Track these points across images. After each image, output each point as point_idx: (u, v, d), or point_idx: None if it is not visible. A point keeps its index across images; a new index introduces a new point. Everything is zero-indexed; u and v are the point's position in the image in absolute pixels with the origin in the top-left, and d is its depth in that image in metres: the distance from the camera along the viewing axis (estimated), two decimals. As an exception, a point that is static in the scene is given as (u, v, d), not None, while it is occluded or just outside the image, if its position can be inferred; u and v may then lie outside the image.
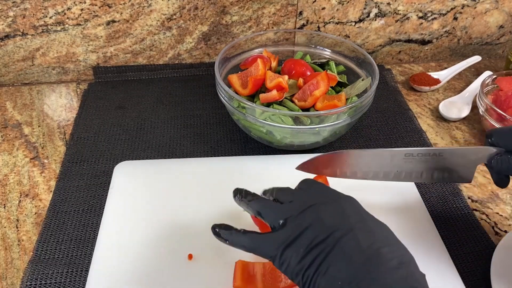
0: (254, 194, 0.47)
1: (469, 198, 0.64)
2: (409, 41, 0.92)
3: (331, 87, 0.71)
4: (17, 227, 0.60)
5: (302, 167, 0.54)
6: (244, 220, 0.57)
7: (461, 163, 0.53)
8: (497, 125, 0.68)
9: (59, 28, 0.80)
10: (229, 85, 0.70)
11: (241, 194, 0.48)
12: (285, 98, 0.67)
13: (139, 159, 0.69)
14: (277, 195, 0.46)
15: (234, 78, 0.69)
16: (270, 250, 0.41)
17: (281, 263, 0.40)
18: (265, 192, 0.48)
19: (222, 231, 0.45)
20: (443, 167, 0.54)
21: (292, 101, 0.67)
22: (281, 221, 0.42)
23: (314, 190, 0.45)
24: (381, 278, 0.35)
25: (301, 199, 0.43)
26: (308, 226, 0.40)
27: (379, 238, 0.38)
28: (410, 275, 0.36)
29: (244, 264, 0.50)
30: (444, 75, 0.88)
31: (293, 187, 0.47)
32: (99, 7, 0.79)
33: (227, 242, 0.45)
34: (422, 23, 0.89)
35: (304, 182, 0.47)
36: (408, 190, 0.62)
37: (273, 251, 0.40)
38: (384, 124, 0.77)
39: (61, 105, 0.81)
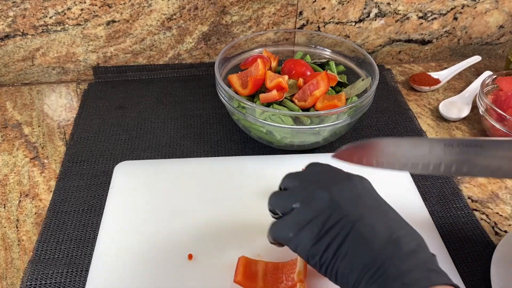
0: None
1: (469, 198, 0.64)
2: (409, 41, 0.92)
3: (331, 87, 0.71)
4: (17, 227, 0.60)
5: (339, 155, 0.51)
6: (244, 220, 0.57)
7: (507, 155, 0.49)
8: (497, 125, 0.68)
9: (59, 28, 0.80)
10: (229, 85, 0.70)
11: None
12: (285, 98, 0.67)
13: (139, 159, 0.69)
14: (283, 183, 0.45)
15: (234, 78, 0.69)
16: (287, 233, 0.40)
17: (295, 245, 0.40)
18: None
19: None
20: (486, 159, 0.50)
21: (292, 101, 0.67)
22: (293, 205, 0.41)
23: (324, 170, 0.45)
24: (402, 262, 0.35)
25: (310, 179, 0.43)
26: (322, 207, 0.39)
27: (395, 221, 0.39)
28: (428, 258, 0.37)
29: (247, 260, 0.50)
30: (444, 75, 0.88)
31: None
32: (99, 7, 0.79)
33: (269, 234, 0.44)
34: (422, 23, 0.89)
35: (312, 164, 0.47)
36: (408, 190, 0.62)
37: (288, 234, 0.40)
38: (384, 124, 0.77)
39: (61, 105, 0.81)
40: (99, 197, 0.63)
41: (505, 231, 0.60)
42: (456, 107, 0.80)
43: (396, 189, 0.62)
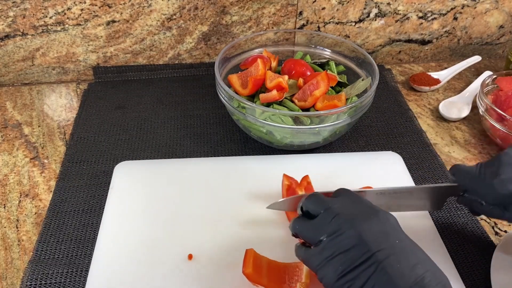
0: (298, 217, 0.46)
1: (469, 198, 0.64)
2: (409, 41, 0.92)
3: (331, 87, 0.71)
4: (17, 227, 0.60)
5: (273, 207, 0.53)
6: (245, 220, 0.57)
7: (431, 197, 0.54)
8: (497, 125, 0.68)
9: (59, 28, 0.80)
10: (229, 85, 0.70)
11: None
12: (285, 98, 0.67)
13: (139, 159, 0.69)
14: (307, 205, 0.45)
15: (234, 78, 0.69)
16: (314, 265, 0.41)
17: (321, 277, 0.40)
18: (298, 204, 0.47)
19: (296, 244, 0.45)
20: (413, 201, 0.54)
21: (292, 101, 0.67)
22: (320, 238, 0.41)
23: (351, 201, 0.44)
24: None
25: (337, 210, 0.42)
26: (349, 244, 0.39)
27: (420, 260, 0.39)
28: None
29: (254, 253, 0.50)
30: (444, 75, 0.88)
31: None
32: (99, 7, 0.79)
33: (295, 253, 0.45)
34: (422, 23, 0.89)
35: (340, 191, 0.47)
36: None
37: (315, 266, 0.41)
38: (384, 124, 0.77)
39: (61, 105, 0.81)
40: (99, 197, 0.63)
41: (505, 231, 0.60)
42: (456, 107, 0.80)
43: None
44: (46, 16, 0.78)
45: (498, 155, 0.48)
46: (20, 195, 0.64)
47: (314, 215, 0.43)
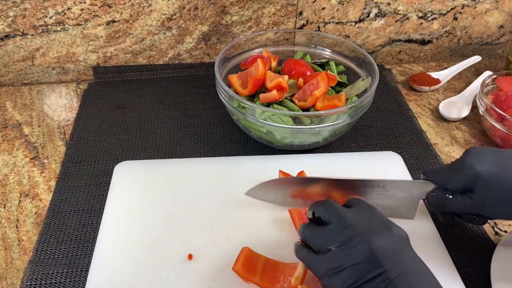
0: (308, 223, 0.46)
1: (469, 198, 0.64)
2: (409, 41, 0.92)
3: (331, 87, 0.71)
4: (17, 227, 0.60)
5: (250, 193, 0.53)
6: (245, 220, 0.57)
7: (404, 196, 0.54)
8: (497, 125, 0.68)
9: (59, 28, 0.80)
10: (229, 85, 0.70)
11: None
12: (285, 98, 0.67)
13: (139, 159, 0.69)
14: (319, 211, 0.44)
15: (234, 78, 0.69)
16: (319, 271, 0.41)
17: (326, 285, 0.40)
18: (309, 208, 0.47)
19: (296, 244, 0.46)
20: (386, 199, 0.54)
21: (292, 101, 0.67)
22: (330, 247, 0.41)
23: (364, 212, 0.44)
24: None
25: (349, 220, 0.42)
26: (359, 258, 0.39)
27: (430, 282, 0.39)
28: None
29: (250, 252, 0.50)
30: (444, 75, 0.88)
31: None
32: (99, 7, 0.79)
33: (295, 253, 0.45)
34: (422, 23, 0.89)
35: (352, 201, 0.47)
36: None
37: (321, 273, 0.41)
38: (384, 124, 0.77)
39: (61, 105, 0.81)
40: (99, 197, 0.63)
41: (505, 231, 0.60)
42: (456, 107, 0.80)
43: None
44: (46, 16, 0.78)
45: (466, 149, 0.51)
46: (20, 195, 0.64)
47: (325, 222, 0.43)
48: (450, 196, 0.50)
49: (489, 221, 0.61)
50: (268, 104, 0.66)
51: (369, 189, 0.53)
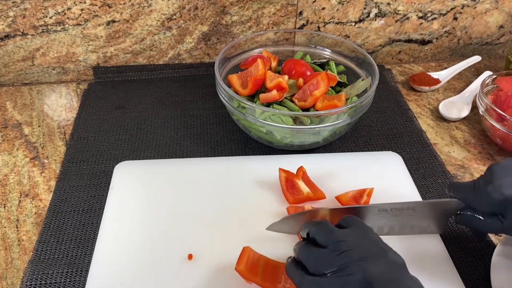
0: (302, 242, 0.45)
1: (469, 198, 0.64)
2: (409, 41, 0.92)
3: (331, 87, 0.71)
4: (17, 227, 0.60)
5: (272, 228, 0.52)
6: (245, 220, 0.57)
7: (433, 216, 0.53)
8: (497, 125, 0.68)
9: (59, 28, 0.80)
10: (229, 85, 0.70)
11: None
12: (285, 98, 0.67)
13: (139, 159, 0.69)
14: (314, 232, 0.44)
15: (234, 78, 0.69)
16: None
17: None
18: (303, 226, 0.47)
19: (288, 261, 0.45)
20: (416, 220, 0.53)
21: (292, 101, 0.67)
22: (325, 271, 0.40)
23: (360, 235, 0.43)
24: None
25: (345, 243, 0.41)
26: (355, 286, 0.38)
27: None
28: None
29: (251, 251, 0.50)
30: (444, 75, 0.88)
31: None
32: (99, 7, 0.79)
33: (287, 269, 0.45)
34: (422, 23, 0.89)
35: (348, 219, 0.46)
36: (408, 191, 0.62)
37: None
38: (384, 124, 0.77)
39: (61, 105, 0.81)
40: (99, 197, 0.63)
41: (505, 231, 0.60)
42: (456, 107, 0.80)
43: (397, 190, 0.62)
44: (46, 16, 0.78)
45: (490, 166, 0.49)
46: (20, 195, 0.64)
47: (320, 244, 0.43)
48: (480, 218, 0.49)
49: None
50: (268, 104, 0.66)
51: (399, 212, 0.52)
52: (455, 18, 0.89)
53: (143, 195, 0.61)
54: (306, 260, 0.43)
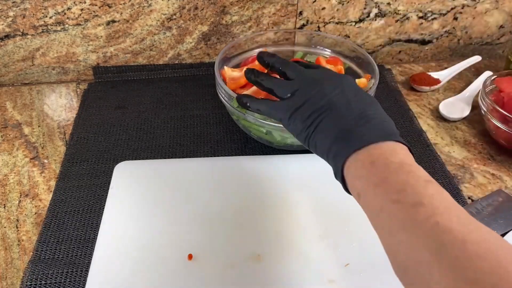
0: (265, 74, 0.53)
1: (469, 198, 0.64)
2: (409, 41, 0.92)
3: (331, 87, 0.71)
4: (17, 227, 0.60)
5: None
6: (244, 220, 0.57)
7: None
8: (502, 127, 0.68)
9: (59, 28, 0.80)
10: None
11: (253, 74, 0.54)
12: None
13: (139, 159, 0.69)
14: (285, 68, 0.52)
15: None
16: (281, 114, 0.48)
17: (289, 124, 0.47)
18: (273, 62, 0.53)
19: (245, 98, 0.54)
20: None
21: (292, 101, 0.67)
22: (289, 94, 0.48)
23: (320, 70, 0.52)
24: (367, 130, 0.42)
25: (307, 75, 0.49)
26: (312, 95, 0.46)
27: (367, 102, 0.46)
28: (393, 130, 0.43)
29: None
30: (444, 75, 0.88)
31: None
32: (99, 7, 0.79)
33: (249, 107, 0.53)
34: (422, 23, 0.89)
35: (313, 64, 0.54)
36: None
37: (283, 115, 0.48)
38: (384, 124, 0.77)
39: (61, 105, 0.81)
40: (99, 197, 0.63)
41: (505, 231, 0.60)
42: (456, 107, 0.80)
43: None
44: (46, 16, 0.78)
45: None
46: (20, 195, 0.64)
47: (287, 77, 0.51)
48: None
49: (489, 221, 0.61)
50: (268, 104, 0.65)
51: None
52: (455, 18, 0.89)
53: (143, 195, 0.61)
54: (275, 87, 0.51)
